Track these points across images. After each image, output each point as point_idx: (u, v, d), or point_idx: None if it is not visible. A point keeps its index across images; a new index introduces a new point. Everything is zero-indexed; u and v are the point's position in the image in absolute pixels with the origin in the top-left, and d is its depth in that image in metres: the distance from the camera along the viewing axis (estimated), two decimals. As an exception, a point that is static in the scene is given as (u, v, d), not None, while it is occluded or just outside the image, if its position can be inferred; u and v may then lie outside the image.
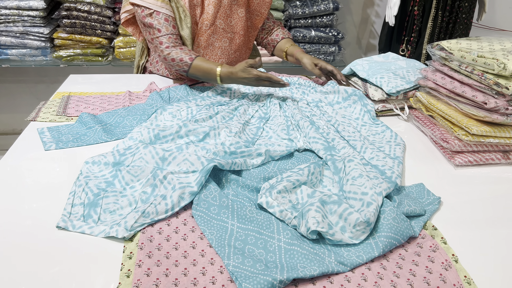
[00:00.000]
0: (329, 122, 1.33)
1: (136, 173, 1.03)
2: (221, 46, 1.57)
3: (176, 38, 1.47)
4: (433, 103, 1.29)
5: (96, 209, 0.94)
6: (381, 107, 1.42)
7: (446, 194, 1.04)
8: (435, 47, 1.32)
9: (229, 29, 1.56)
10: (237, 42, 1.60)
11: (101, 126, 1.24)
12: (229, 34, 1.57)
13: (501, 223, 0.96)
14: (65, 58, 2.32)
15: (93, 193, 0.97)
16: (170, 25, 1.45)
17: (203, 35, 1.52)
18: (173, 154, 1.07)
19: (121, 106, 1.39)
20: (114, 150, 1.11)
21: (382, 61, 1.54)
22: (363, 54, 3.03)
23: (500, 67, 1.09)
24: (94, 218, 0.92)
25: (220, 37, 1.55)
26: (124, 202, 0.96)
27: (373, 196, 0.94)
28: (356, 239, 0.87)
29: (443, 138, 1.20)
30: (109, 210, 0.94)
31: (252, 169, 1.10)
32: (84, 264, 0.80)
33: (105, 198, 0.96)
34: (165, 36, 1.44)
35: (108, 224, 0.90)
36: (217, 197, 0.96)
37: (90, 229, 0.89)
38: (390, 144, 1.22)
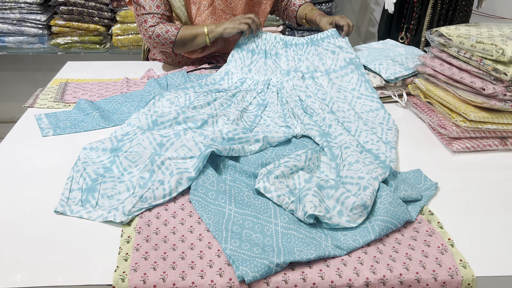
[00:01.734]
0: (324, 101, 1.33)
1: (134, 158, 1.03)
2: None
3: (161, 18, 1.46)
4: (432, 90, 1.29)
5: (94, 194, 0.94)
6: (380, 93, 1.41)
7: (443, 180, 1.04)
8: (434, 33, 1.32)
9: (228, 10, 1.55)
10: None
11: (99, 112, 1.24)
12: (228, 16, 1.56)
13: (497, 208, 0.97)
14: (62, 46, 2.31)
15: (91, 178, 0.98)
16: (154, 5, 1.43)
17: (201, 15, 1.51)
18: (171, 139, 1.07)
19: (118, 93, 1.39)
20: (112, 136, 1.11)
21: (381, 48, 1.54)
22: (362, 41, 3.02)
23: (499, 52, 1.08)
24: (92, 203, 0.92)
25: (218, 18, 1.54)
26: (122, 187, 0.96)
27: (369, 180, 0.94)
28: (353, 223, 0.87)
29: (441, 124, 1.20)
30: (107, 195, 0.94)
31: (250, 155, 1.10)
32: (83, 249, 0.81)
33: (103, 184, 0.97)
34: (149, 14, 1.43)
35: (106, 209, 0.90)
36: (215, 182, 0.96)
37: (88, 213, 0.89)
38: (382, 127, 1.23)
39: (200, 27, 1.45)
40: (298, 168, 1.01)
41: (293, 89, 1.40)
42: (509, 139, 1.18)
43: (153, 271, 0.76)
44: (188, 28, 1.45)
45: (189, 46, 1.47)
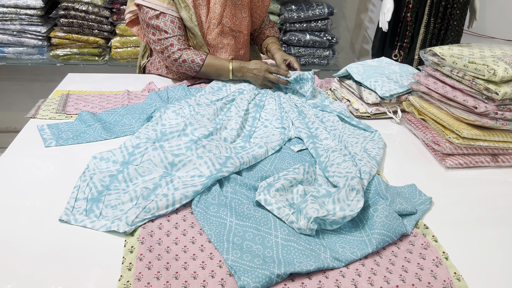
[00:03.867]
0: (317, 115, 1.42)
1: (144, 173, 1.05)
2: (229, 43, 1.62)
3: (185, 40, 1.52)
4: (425, 107, 1.33)
5: (99, 205, 0.96)
6: (375, 110, 1.45)
7: (437, 195, 1.07)
8: (427, 52, 1.36)
9: (235, 27, 1.62)
10: (241, 40, 1.66)
11: (101, 124, 1.26)
12: (235, 33, 1.63)
13: (489, 223, 1.00)
14: (61, 57, 2.33)
15: (97, 189, 0.99)
16: (176, 27, 1.49)
17: (211, 33, 1.57)
18: (183, 161, 1.07)
19: (120, 105, 1.41)
20: (123, 147, 1.11)
21: (376, 66, 1.58)
22: (356, 58, 3.08)
23: (490, 73, 1.12)
24: (96, 213, 0.94)
25: (226, 35, 1.60)
26: (126, 197, 0.98)
27: (357, 172, 1.03)
28: (356, 209, 0.92)
29: (434, 141, 1.24)
30: (110, 206, 0.96)
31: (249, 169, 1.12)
32: (87, 258, 0.82)
33: (108, 196, 0.98)
34: (174, 37, 1.49)
35: (110, 219, 0.92)
36: (216, 196, 0.98)
37: (91, 223, 0.91)
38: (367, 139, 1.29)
39: (225, 63, 1.53)
40: (298, 180, 1.04)
41: (290, 97, 1.52)
42: (500, 156, 1.22)
43: (157, 280, 0.77)
44: (213, 60, 1.53)
45: (212, 75, 1.57)
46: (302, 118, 1.37)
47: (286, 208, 0.95)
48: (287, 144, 1.26)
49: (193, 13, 1.50)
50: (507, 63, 1.15)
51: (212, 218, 0.94)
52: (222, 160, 1.08)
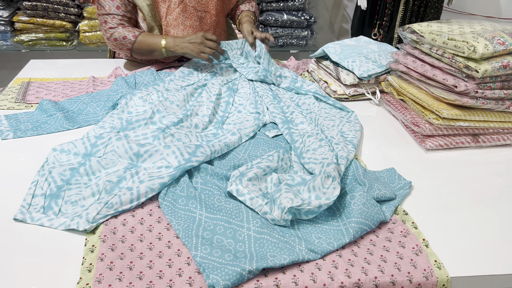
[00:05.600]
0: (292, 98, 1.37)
1: (107, 165, 0.98)
2: (192, 25, 1.52)
3: (122, 19, 1.42)
4: (404, 87, 1.28)
5: (58, 201, 0.89)
6: (353, 91, 1.40)
7: (417, 178, 1.03)
8: (406, 30, 1.31)
9: (200, 7, 1.51)
10: (208, 21, 1.56)
11: (63, 113, 1.19)
12: (200, 13, 1.52)
13: (470, 205, 0.96)
14: (26, 43, 2.22)
15: (56, 184, 0.93)
16: (114, 5, 1.39)
17: (172, 13, 1.47)
18: (149, 151, 1.01)
19: (84, 92, 1.33)
20: (85, 138, 1.04)
21: (354, 45, 1.53)
22: (335, 38, 3.02)
23: (470, 49, 1.08)
24: (55, 210, 0.88)
25: (190, 15, 1.50)
26: (87, 192, 0.91)
27: (333, 158, 1.00)
28: (332, 197, 0.87)
29: (414, 122, 1.20)
30: (70, 201, 0.90)
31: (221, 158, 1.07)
32: (43, 259, 0.76)
33: (68, 191, 0.92)
34: (109, 15, 1.40)
35: (69, 216, 0.85)
36: (185, 188, 0.92)
37: (49, 221, 0.85)
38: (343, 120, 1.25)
39: (158, 39, 1.41)
40: (271, 168, 0.99)
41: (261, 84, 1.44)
42: (481, 136, 1.19)
43: (119, 282, 0.72)
44: (146, 37, 1.41)
45: (147, 56, 1.45)
46: (277, 102, 1.31)
47: (259, 198, 0.90)
48: (261, 129, 1.21)
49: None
50: (487, 39, 1.10)
51: (181, 212, 0.88)
52: (191, 149, 1.01)
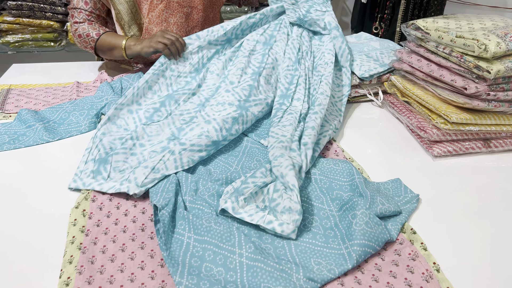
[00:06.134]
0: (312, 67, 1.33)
1: (151, 133, 1.05)
2: (177, 22, 1.42)
3: (89, 15, 1.33)
4: (409, 88, 1.20)
5: (106, 166, 0.94)
6: (353, 92, 1.31)
7: (424, 188, 0.95)
8: (410, 26, 1.22)
9: (185, 2, 1.41)
10: (195, 17, 1.46)
11: (43, 124, 1.10)
12: (185, 9, 1.42)
13: (485, 218, 0.88)
14: (13, 44, 2.13)
15: (105, 150, 0.99)
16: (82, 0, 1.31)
17: (155, 10, 1.37)
18: (191, 125, 1.07)
19: (67, 100, 1.25)
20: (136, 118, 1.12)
21: (354, 42, 1.44)
22: (335, 32, 2.92)
23: (481, 48, 0.99)
24: (104, 175, 0.93)
25: (174, 12, 1.40)
26: (134, 161, 0.97)
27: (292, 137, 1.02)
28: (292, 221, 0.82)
29: (420, 126, 1.11)
30: (118, 169, 0.95)
31: (214, 167, 1.00)
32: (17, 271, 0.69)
33: (115, 155, 0.97)
34: (76, 9, 1.31)
35: (118, 181, 0.90)
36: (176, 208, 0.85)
37: (99, 185, 0.89)
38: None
39: (119, 39, 1.31)
40: (267, 183, 0.91)
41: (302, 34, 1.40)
42: (493, 140, 1.10)
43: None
44: (108, 37, 1.32)
45: (110, 56, 1.36)
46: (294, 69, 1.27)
47: (259, 212, 0.83)
48: (256, 137, 1.12)
49: None
50: (500, 36, 1.01)
51: (169, 234, 0.80)
52: (228, 125, 1.06)
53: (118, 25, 1.39)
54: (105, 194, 0.90)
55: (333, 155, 1.07)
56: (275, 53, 1.32)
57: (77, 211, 0.85)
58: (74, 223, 0.82)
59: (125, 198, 0.89)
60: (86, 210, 0.86)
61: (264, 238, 0.81)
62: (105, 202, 0.88)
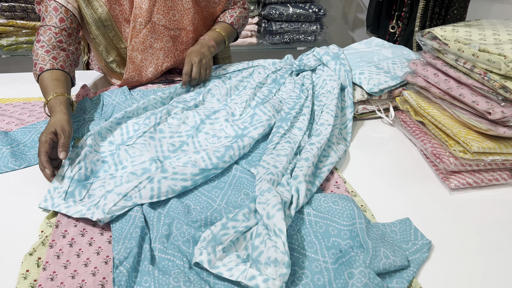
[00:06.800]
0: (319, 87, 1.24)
1: (134, 154, 0.96)
2: (164, 47, 1.27)
3: (58, 34, 1.13)
4: (424, 107, 1.05)
5: (82, 191, 0.88)
6: (361, 109, 1.17)
7: (439, 228, 0.82)
8: (425, 35, 1.07)
9: (172, 25, 1.26)
10: (184, 40, 1.31)
11: (11, 148, 1.00)
12: (172, 32, 1.27)
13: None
14: (7, 48, 2.04)
15: (86, 171, 0.93)
16: (57, 18, 1.13)
17: (138, 35, 1.22)
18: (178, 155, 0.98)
19: (43, 118, 1.14)
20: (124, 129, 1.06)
21: (363, 51, 1.29)
22: (349, 30, 2.75)
23: (509, 66, 0.84)
24: (76, 198, 0.87)
25: (160, 36, 1.25)
26: (111, 184, 0.90)
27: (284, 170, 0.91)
28: None
29: (435, 153, 0.97)
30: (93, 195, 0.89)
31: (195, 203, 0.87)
32: None
33: (94, 184, 0.91)
34: (44, 27, 1.13)
35: (86, 205, 0.84)
36: (142, 259, 0.73)
37: (66, 208, 0.84)
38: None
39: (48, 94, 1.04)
40: (250, 227, 0.78)
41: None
42: (521, 171, 0.95)
43: None
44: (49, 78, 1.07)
45: None
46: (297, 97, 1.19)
47: (239, 265, 0.70)
48: (246, 164, 0.99)
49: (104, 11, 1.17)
50: (532, 51, 0.85)
51: (131, 292, 0.68)
52: (220, 153, 0.96)
53: (94, 51, 1.26)
54: (65, 238, 0.78)
55: (333, 187, 0.94)
56: (281, 93, 1.25)
57: (30, 259, 0.74)
58: (25, 276, 0.71)
59: (88, 243, 0.78)
60: (41, 258, 0.75)
61: (244, 299, 0.69)
62: (64, 249, 0.77)
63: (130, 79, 1.25)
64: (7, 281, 0.70)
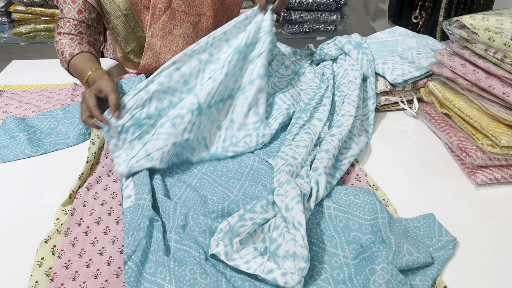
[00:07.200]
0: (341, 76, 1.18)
1: None
2: (183, 33, 1.24)
3: (78, 25, 1.15)
4: (450, 98, 1.00)
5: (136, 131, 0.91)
6: (384, 100, 1.13)
7: (464, 225, 0.79)
8: (453, 24, 1.02)
9: (191, 11, 1.23)
10: (204, 26, 1.27)
11: (27, 134, 0.99)
12: (192, 18, 1.24)
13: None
14: (25, 35, 2.04)
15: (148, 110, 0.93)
16: (75, 9, 1.13)
17: (157, 22, 1.19)
18: None
19: (60, 105, 1.13)
20: None
21: (386, 40, 1.24)
22: (370, 20, 2.69)
23: (544, 56, 0.79)
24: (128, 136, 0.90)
25: (180, 22, 1.22)
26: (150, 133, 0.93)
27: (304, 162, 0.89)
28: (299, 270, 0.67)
29: (461, 147, 0.93)
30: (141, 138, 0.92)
31: (211, 193, 0.85)
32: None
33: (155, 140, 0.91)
34: (63, 19, 1.14)
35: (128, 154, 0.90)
36: (156, 249, 0.71)
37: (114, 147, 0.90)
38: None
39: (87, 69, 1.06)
40: (268, 219, 0.76)
41: None
42: (553, 167, 0.90)
43: None
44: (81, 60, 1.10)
45: None
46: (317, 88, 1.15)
47: (257, 258, 0.68)
48: (264, 155, 0.97)
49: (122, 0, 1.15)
50: None
51: (145, 284, 0.67)
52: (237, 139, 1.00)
53: (113, 41, 1.24)
54: (80, 226, 0.77)
55: (354, 180, 0.91)
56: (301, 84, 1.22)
57: (45, 246, 0.73)
58: (40, 263, 0.71)
59: (104, 232, 0.77)
60: (56, 246, 0.74)
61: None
62: (79, 237, 0.76)
63: (147, 66, 1.23)
64: (22, 269, 0.70)
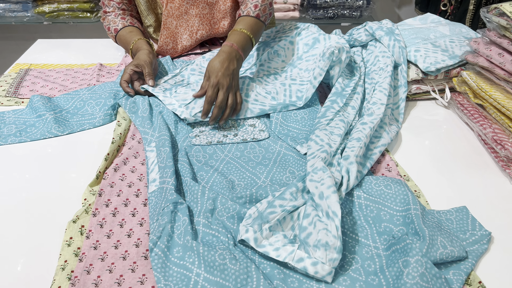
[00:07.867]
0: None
1: None
2: (199, 13, 1.23)
3: (120, 3, 1.23)
4: (485, 89, 0.97)
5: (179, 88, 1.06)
6: (415, 89, 1.10)
7: (499, 221, 0.76)
8: (492, 11, 0.98)
9: None
10: (222, 9, 1.24)
11: (54, 114, 0.99)
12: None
13: None
14: (48, 15, 2.03)
15: None
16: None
17: (174, 1, 1.19)
18: None
19: (85, 85, 1.12)
20: None
21: (418, 27, 1.21)
22: (396, 7, 2.62)
23: None
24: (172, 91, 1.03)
25: (196, 2, 1.21)
26: None
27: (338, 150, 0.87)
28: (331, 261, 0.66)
29: (496, 139, 0.90)
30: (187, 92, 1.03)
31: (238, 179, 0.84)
32: None
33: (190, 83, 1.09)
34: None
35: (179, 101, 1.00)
36: (183, 232, 0.70)
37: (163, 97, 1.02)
38: None
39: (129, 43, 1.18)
40: (298, 207, 0.75)
41: None
42: None
43: None
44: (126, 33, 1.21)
45: None
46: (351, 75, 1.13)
47: (287, 246, 0.67)
48: (291, 141, 0.95)
49: None
50: None
51: (173, 269, 0.66)
52: None
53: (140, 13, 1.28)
54: (108, 207, 0.77)
55: (384, 170, 0.89)
56: None
57: (74, 226, 0.73)
58: (68, 243, 0.70)
59: (131, 214, 0.76)
60: (84, 226, 0.74)
61: (290, 280, 0.66)
62: (107, 218, 0.75)
63: (164, 46, 1.23)
64: (51, 247, 0.70)
